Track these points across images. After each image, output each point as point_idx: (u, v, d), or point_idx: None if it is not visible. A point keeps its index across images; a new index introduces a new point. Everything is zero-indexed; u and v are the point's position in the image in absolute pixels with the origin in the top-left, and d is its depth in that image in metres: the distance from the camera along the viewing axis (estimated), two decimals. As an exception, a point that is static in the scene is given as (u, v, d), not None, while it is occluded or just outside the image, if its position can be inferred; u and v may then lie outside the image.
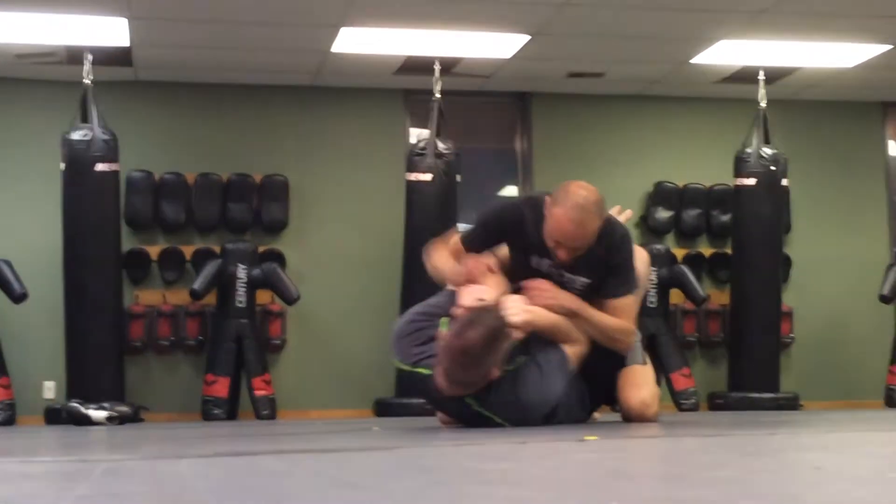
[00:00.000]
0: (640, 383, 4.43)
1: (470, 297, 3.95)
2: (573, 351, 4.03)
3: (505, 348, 3.75)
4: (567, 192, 4.04)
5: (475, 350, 3.65)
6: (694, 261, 9.07)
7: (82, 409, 6.21)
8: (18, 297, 7.60)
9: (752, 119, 8.41)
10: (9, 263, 7.67)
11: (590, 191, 4.08)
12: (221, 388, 7.95)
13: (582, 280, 4.13)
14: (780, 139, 8.54)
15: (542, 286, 4.06)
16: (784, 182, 8.41)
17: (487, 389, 3.79)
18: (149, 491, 1.49)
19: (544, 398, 3.91)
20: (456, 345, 3.67)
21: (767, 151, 8.31)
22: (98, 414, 6.17)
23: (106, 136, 7.42)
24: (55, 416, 7.17)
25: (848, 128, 9.66)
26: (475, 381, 3.74)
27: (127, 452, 2.64)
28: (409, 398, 7.13)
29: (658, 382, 8.40)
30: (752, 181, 8.30)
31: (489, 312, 3.78)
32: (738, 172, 8.38)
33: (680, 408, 8.31)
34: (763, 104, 8.36)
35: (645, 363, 4.54)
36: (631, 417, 4.38)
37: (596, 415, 4.80)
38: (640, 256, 4.50)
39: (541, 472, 1.76)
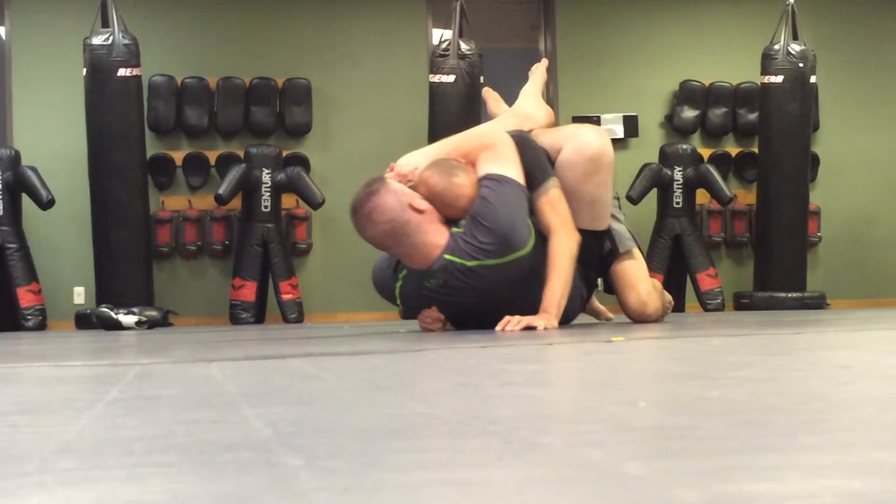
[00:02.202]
0: (634, 281, 4.32)
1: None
2: (514, 170, 3.93)
3: (392, 186, 3.79)
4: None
5: (361, 200, 3.77)
6: (720, 160, 9.02)
7: (112, 314, 6.28)
8: (46, 204, 7.65)
9: (779, 14, 8.27)
10: (35, 170, 7.70)
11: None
12: (249, 292, 8.02)
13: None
14: (808, 35, 8.41)
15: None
16: (812, 79, 8.30)
17: (456, 244, 3.75)
18: (180, 394, 1.51)
19: (508, 214, 3.78)
20: (353, 219, 3.81)
21: (795, 48, 8.19)
22: (127, 318, 6.24)
23: (127, 41, 7.38)
24: (85, 321, 7.27)
25: (879, 22, 9.49)
26: (399, 222, 3.71)
27: (157, 356, 2.67)
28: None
29: (684, 283, 8.47)
30: (779, 78, 8.19)
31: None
32: (766, 70, 8.27)
33: (706, 308, 8.33)
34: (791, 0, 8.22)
35: (632, 250, 4.40)
36: (631, 318, 4.35)
37: (609, 314, 4.80)
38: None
39: (567, 374, 1.77)
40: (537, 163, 4.05)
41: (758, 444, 0.84)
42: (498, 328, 3.69)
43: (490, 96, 5.18)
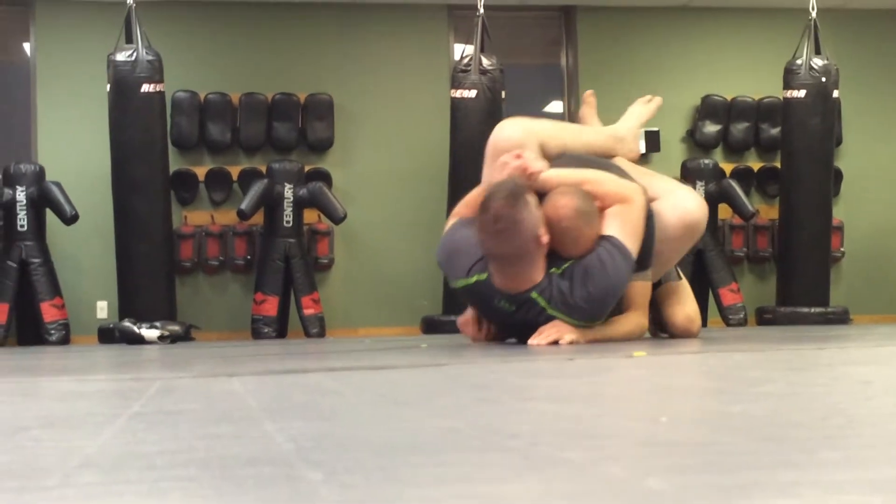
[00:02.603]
0: (683, 300, 4.44)
1: (502, 169, 3.93)
2: (635, 246, 3.87)
3: (533, 207, 3.68)
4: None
5: (503, 213, 3.60)
6: (742, 175, 8.99)
7: (135, 329, 6.30)
8: (70, 219, 7.69)
9: (802, 29, 8.25)
10: (59, 185, 7.75)
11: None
12: (270, 307, 8.04)
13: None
14: (831, 50, 8.38)
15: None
16: (835, 94, 8.27)
17: (550, 287, 3.73)
18: (202, 408, 1.51)
19: (613, 287, 3.77)
20: (486, 220, 3.64)
21: (818, 62, 8.16)
22: (150, 333, 6.26)
23: (151, 57, 7.42)
24: (108, 335, 7.29)
25: (901, 37, 9.46)
26: (523, 251, 3.65)
27: (180, 371, 2.68)
28: (456, 315, 7.17)
29: (706, 298, 8.44)
30: (802, 93, 8.17)
31: (505, 180, 3.77)
32: (788, 84, 8.25)
33: (728, 323, 8.30)
34: (814, 14, 8.19)
35: (680, 279, 4.51)
36: (676, 334, 4.40)
37: None
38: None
39: (588, 389, 1.77)
40: (649, 248, 4.01)
41: (778, 460, 0.84)
42: (531, 342, 3.70)
43: (589, 101, 5.08)
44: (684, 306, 4.43)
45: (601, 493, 0.72)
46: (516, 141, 4.13)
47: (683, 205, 4.18)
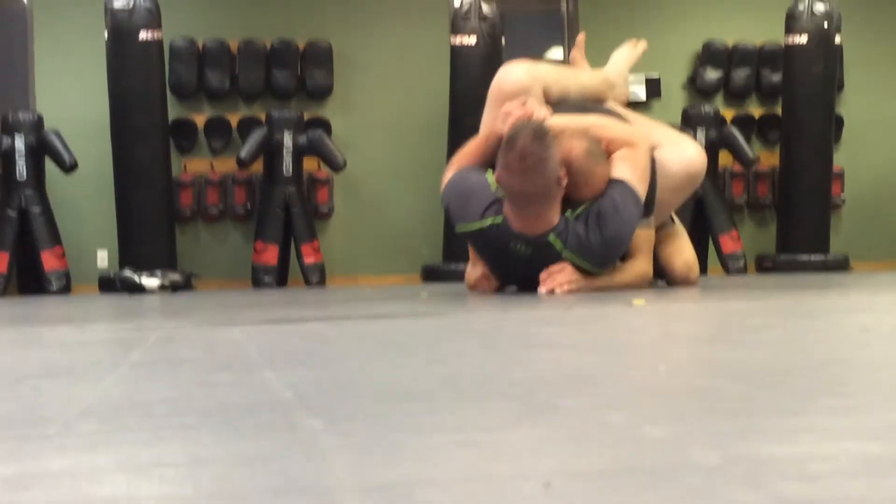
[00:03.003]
0: (681, 247, 4.47)
1: (506, 119, 3.91)
2: (643, 190, 3.89)
3: (556, 146, 3.68)
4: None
5: (530, 150, 3.61)
6: (743, 122, 8.96)
7: (135, 278, 6.31)
8: (69, 167, 7.68)
9: (804, -26, 8.17)
10: (58, 134, 7.73)
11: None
12: (271, 255, 8.04)
13: None
14: (833, -5, 8.31)
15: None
16: (837, 39, 8.21)
17: (567, 229, 3.73)
18: (203, 356, 1.52)
19: (626, 231, 3.79)
20: (512, 157, 3.63)
21: (820, 7, 8.10)
22: (150, 282, 6.27)
23: (148, 3, 7.36)
24: (109, 284, 7.30)
25: (905, -18, 9.38)
26: (547, 189, 3.65)
27: (180, 319, 2.68)
28: (456, 263, 7.17)
29: (706, 245, 8.44)
30: (803, 38, 8.11)
31: (526, 121, 3.78)
32: (790, 29, 8.19)
33: (728, 270, 8.31)
34: (816, -42, 8.11)
35: (674, 223, 4.51)
36: (675, 281, 4.42)
37: None
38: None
39: (588, 337, 1.77)
40: (652, 194, 4.01)
41: (777, 407, 0.84)
42: (541, 289, 3.70)
43: (580, 44, 5.05)
44: (682, 253, 4.45)
45: (600, 439, 0.72)
46: (522, 84, 4.12)
47: (686, 154, 4.18)
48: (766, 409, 0.84)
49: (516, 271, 3.89)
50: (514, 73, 4.21)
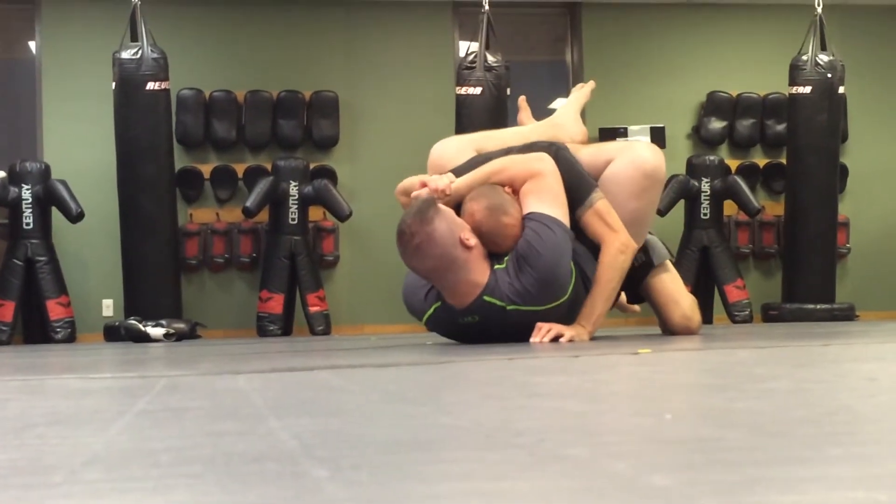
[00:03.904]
0: (676, 297, 4.36)
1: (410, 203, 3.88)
2: (559, 209, 3.79)
3: (446, 214, 3.62)
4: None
5: (414, 229, 3.55)
6: (748, 171, 8.98)
7: (140, 327, 6.31)
8: (76, 217, 7.70)
9: (807, 25, 8.23)
10: (65, 183, 7.76)
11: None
12: (276, 304, 8.04)
13: None
14: (836, 45, 8.37)
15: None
16: (841, 90, 8.25)
17: (497, 285, 3.68)
18: (208, 405, 1.51)
19: (553, 260, 3.67)
20: (402, 242, 3.59)
21: (824, 58, 8.15)
22: (156, 331, 6.26)
23: (156, 55, 7.43)
24: (114, 333, 7.30)
25: (907, 33, 9.44)
26: (449, 259, 3.58)
27: (185, 368, 2.68)
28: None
29: (711, 295, 8.43)
30: (807, 89, 8.16)
31: (412, 202, 3.75)
32: (794, 80, 8.24)
33: (733, 320, 8.29)
34: (819, 9, 8.17)
35: (666, 263, 4.41)
36: (675, 332, 4.33)
37: (636, 307, 4.73)
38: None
39: (593, 386, 1.77)
40: (580, 176, 3.95)
41: (783, 456, 0.84)
42: (532, 339, 3.67)
43: (524, 105, 5.10)
44: (680, 304, 4.34)
45: (606, 489, 0.72)
46: (450, 157, 4.12)
47: (637, 155, 4.07)
48: (772, 458, 0.84)
49: (487, 338, 3.85)
50: (444, 148, 4.21)
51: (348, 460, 0.88)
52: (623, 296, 4.58)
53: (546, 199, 3.79)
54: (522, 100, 5.03)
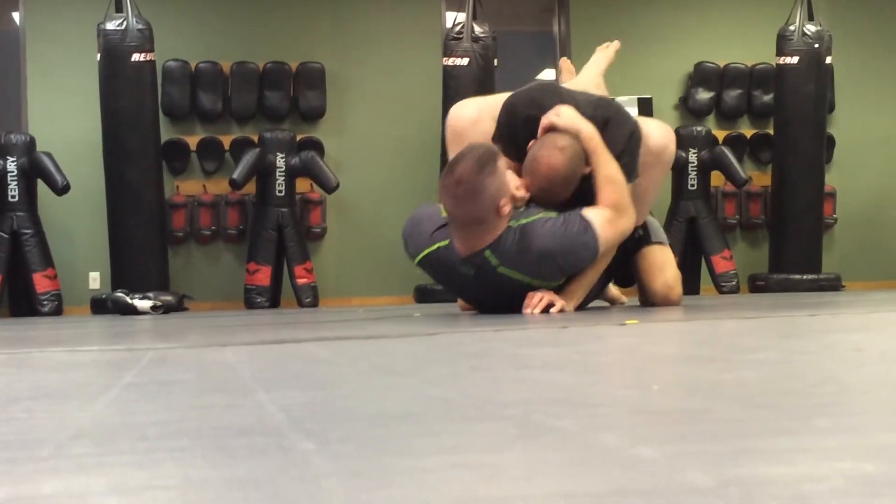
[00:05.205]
0: (662, 266, 4.36)
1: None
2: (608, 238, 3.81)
3: (500, 175, 3.63)
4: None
5: (466, 178, 3.56)
6: (735, 142, 8.99)
7: (127, 299, 6.30)
8: (61, 189, 7.68)
9: (795, -4, 8.22)
10: (50, 156, 7.73)
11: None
12: (263, 276, 8.04)
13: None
14: (823, 15, 8.36)
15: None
16: (828, 60, 8.25)
17: (501, 242, 3.70)
18: (195, 378, 1.51)
19: (560, 246, 3.70)
20: (449, 181, 3.61)
21: (811, 28, 8.14)
22: (143, 303, 6.25)
23: (141, 26, 7.38)
24: (101, 306, 7.29)
25: (895, 2, 9.43)
26: (482, 216, 3.62)
27: (173, 341, 2.68)
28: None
29: (699, 265, 8.45)
30: (794, 59, 8.15)
31: (476, 145, 3.74)
32: (781, 51, 8.23)
33: (720, 290, 8.32)
34: (807, -20, 8.16)
35: (663, 243, 4.44)
36: (655, 302, 4.34)
37: (623, 298, 4.79)
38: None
39: (581, 357, 1.77)
40: (631, 166, 3.88)
41: (771, 427, 0.84)
42: (525, 310, 3.68)
43: (565, 67, 5.07)
44: (663, 273, 4.34)
45: (594, 461, 0.72)
46: (472, 119, 4.12)
47: (648, 131, 4.08)
48: (760, 429, 0.84)
49: (474, 295, 3.86)
50: (462, 111, 4.21)
51: (336, 433, 0.88)
52: (611, 287, 4.61)
53: (608, 231, 3.77)
54: (565, 60, 5.03)
